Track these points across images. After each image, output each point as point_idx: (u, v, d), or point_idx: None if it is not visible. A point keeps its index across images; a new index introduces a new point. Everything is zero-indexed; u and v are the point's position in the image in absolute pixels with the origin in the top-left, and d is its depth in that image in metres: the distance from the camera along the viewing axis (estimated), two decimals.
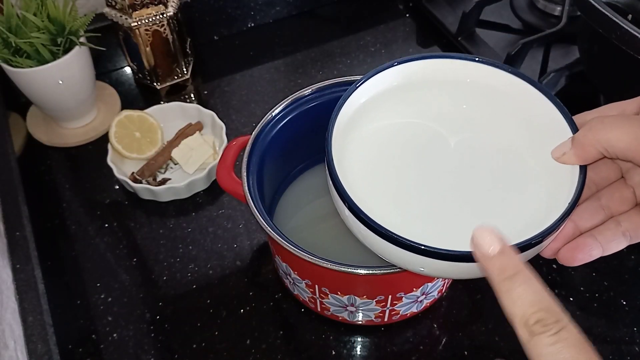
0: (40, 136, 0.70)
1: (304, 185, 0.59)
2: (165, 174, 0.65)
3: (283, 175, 0.58)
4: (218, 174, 0.50)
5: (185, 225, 0.61)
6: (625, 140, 0.30)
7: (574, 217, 0.34)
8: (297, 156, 0.57)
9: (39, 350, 0.46)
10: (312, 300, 0.50)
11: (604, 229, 0.33)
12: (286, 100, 0.51)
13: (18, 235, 0.53)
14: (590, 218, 0.34)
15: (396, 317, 0.51)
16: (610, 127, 0.31)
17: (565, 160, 0.33)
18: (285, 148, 0.54)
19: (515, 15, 0.80)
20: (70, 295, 0.56)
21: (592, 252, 0.33)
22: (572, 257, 0.33)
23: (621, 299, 0.54)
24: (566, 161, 0.33)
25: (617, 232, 0.33)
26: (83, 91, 0.67)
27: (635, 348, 0.51)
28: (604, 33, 0.53)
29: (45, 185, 0.66)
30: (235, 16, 0.82)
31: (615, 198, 0.34)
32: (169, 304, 0.55)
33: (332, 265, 0.41)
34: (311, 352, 0.52)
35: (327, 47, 0.81)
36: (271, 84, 0.76)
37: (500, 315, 0.53)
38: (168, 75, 0.74)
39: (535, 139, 0.37)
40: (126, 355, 0.52)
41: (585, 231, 0.34)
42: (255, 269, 0.58)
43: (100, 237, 0.61)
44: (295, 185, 0.59)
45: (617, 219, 0.34)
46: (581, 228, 0.34)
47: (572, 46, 0.73)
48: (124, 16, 0.67)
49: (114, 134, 0.64)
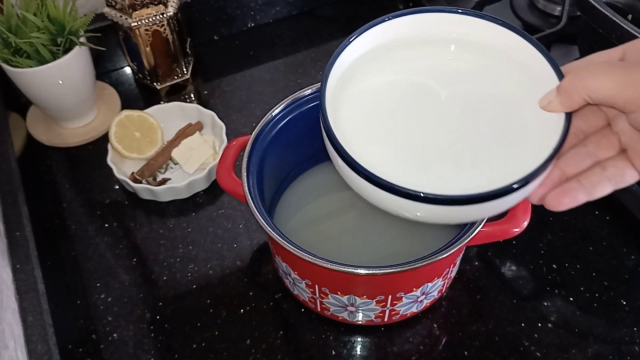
0: (40, 136, 0.70)
1: (304, 185, 0.59)
2: (165, 174, 0.65)
3: (283, 175, 0.58)
4: (218, 174, 0.50)
5: (185, 225, 0.61)
6: (608, 86, 0.31)
7: (560, 163, 0.35)
8: (297, 156, 0.57)
9: (39, 350, 0.46)
10: (312, 300, 0.50)
11: (589, 174, 0.34)
12: (286, 100, 0.51)
13: (18, 235, 0.53)
14: (576, 165, 0.35)
15: (396, 317, 0.51)
16: (593, 74, 0.31)
17: (551, 108, 0.34)
18: (285, 148, 0.54)
19: (515, 15, 0.80)
20: (70, 295, 0.56)
21: (577, 197, 0.34)
22: (558, 201, 0.34)
23: (621, 299, 0.54)
24: (552, 109, 0.34)
25: (602, 177, 0.34)
26: (83, 91, 0.67)
27: (635, 348, 0.51)
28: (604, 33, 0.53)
29: (45, 185, 0.66)
30: (235, 16, 0.82)
31: (601, 144, 0.35)
32: (169, 304, 0.55)
33: (332, 265, 0.41)
34: (311, 352, 0.52)
35: (327, 47, 0.81)
36: (271, 84, 0.76)
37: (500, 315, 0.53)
38: (168, 75, 0.74)
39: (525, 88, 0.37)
40: (126, 355, 0.52)
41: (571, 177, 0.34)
42: (255, 269, 0.58)
43: (100, 237, 0.61)
44: (295, 185, 0.59)
45: (603, 165, 0.34)
46: (568, 174, 0.35)
47: (572, 46, 0.73)
48: (124, 16, 0.67)
49: (114, 134, 0.64)
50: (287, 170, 0.58)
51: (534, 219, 0.59)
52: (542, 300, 0.54)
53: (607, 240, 0.58)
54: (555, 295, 0.54)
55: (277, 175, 0.56)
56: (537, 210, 0.60)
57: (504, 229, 0.46)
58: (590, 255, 0.57)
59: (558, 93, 0.33)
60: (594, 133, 0.35)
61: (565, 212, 0.60)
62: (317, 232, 0.56)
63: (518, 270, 0.56)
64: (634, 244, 0.58)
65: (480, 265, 0.57)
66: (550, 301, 0.54)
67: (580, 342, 0.51)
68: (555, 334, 0.52)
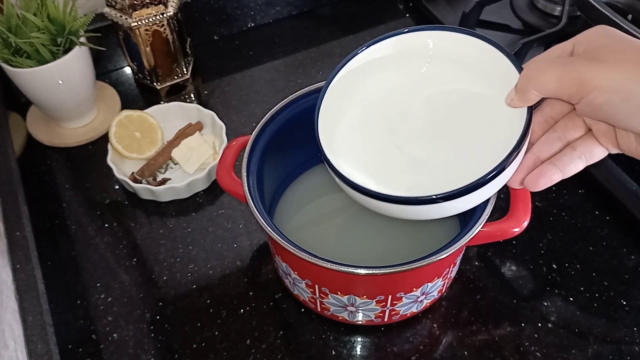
0: (40, 136, 0.70)
1: (304, 185, 0.59)
2: (165, 174, 0.65)
3: (283, 175, 0.58)
4: (218, 174, 0.50)
5: (185, 225, 0.61)
6: (552, 83, 0.34)
7: (534, 149, 0.39)
8: (297, 156, 0.57)
9: (39, 350, 0.46)
10: (312, 300, 0.50)
11: (561, 155, 0.38)
12: (286, 100, 0.51)
13: (18, 235, 0.53)
14: (549, 149, 0.38)
15: (396, 317, 0.51)
16: (539, 73, 0.35)
17: (514, 105, 0.38)
18: (285, 148, 0.54)
19: (515, 15, 0.80)
20: (70, 295, 0.56)
21: (552, 177, 0.37)
22: (535, 183, 0.38)
23: (621, 299, 0.54)
24: (515, 105, 0.37)
25: (573, 156, 0.37)
26: (83, 91, 0.67)
27: (635, 348, 0.51)
28: None
29: (45, 185, 0.66)
30: (235, 16, 0.82)
31: (568, 127, 0.38)
32: (169, 304, 0.55)
33: (332, 265, 0.41)
34: (311, 352, 0.52)
35: (327, 47, 0.81)
36: (271, 84, 0.76)
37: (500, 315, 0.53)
38: (168, 75, 0.74)
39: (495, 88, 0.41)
40: (126, 355, 0.52)
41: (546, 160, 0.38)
42: (255, 269, 0.58)
43: (100, 237, 0.61)
44: (295, 185, 0.59)
45: (573, 145, 0.38)
46: (542, 158, 0.38)
47: None
48: (124, 16, 0.67)
49: (114, 134, 0.64)
50: (287, 170, 0.58)
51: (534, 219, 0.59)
52: (542, 300, 0.54)
53: (607, 240, 0.58)
54: (555, 295, 0.54)
55: (277, 175, 0.56)
56: (537, 210, 0.60)
57: (504, 229, 0.46)
58: (590, 255, 0.57)
59: (515, 92, 0.37)
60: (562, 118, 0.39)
61: (565, 212, 0.60)
62: (317, 232, 0.56)
63: (518, 270, 0.56)
64: (634, 244, 0.58)
65: (480, 265, 0.57)
66: (550, 301, 0.54)
67: (580, 342, 0.51)
68: (555, 334, 0.52)
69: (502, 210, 0.48)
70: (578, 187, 0.62)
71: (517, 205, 0.46)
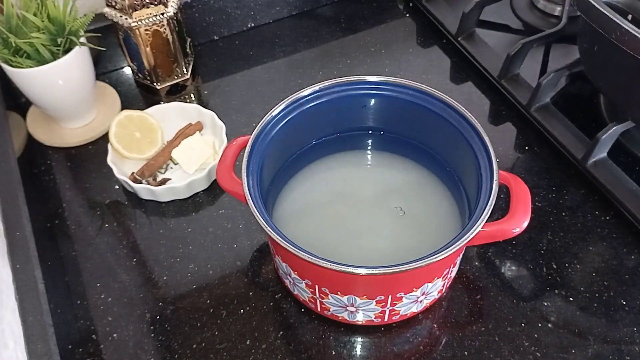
0: (40, 136, 0.70)
1: (305, 185, 0.59)
2: (165, 174, 0.65)
3: (283, 175, 0.58)
4: (218, 174, 0.50)
5: (185, 225, 0.61)
6: None
7: None
8: (297, 156, 0.57)
9: (39, 350, 0.46)
10: (312, 300, 0.50)
11: None
12: (286, 100, 0.51)
13: (18, 235, 0.53)
14: None
15: (396, 317, 0.51)
16: None
17: None
18: (285, 148, 0.54)
19: (515, 15, 0.80)
20: (70, 295, 0.56)
21: None
22: None
23: (621, 299, 0.54)
24: None
25: None
26: (83, 91, 0.67)
27: (635, 348, 0.51)
28: (604, 33, 0.53)
29: (45, 185, 0.66)
30: (235, 16, 0.82)
31: None
32: (169, 304, 0.55)
33: (332, 265, 0.41)
34: (311, 352, 0.52)
35: (327, 47, 0.81)
36: (271, 84, 0.76)
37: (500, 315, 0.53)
38: (168, 75, 0.74)
39: None
40: (126, 355, 0.52)
41: None
42: (255, 269, 0.58)
43: (100, 237, 0.61)
44: (296, 185, 0.59)
45: None
46: None
47: (572, 46, 0.73)
48: (124, 16, 0.67)
49: (114, 134, 0.64)
50: (288, 170, 0.58)
51: (534, 219, 0.59)
52: (542, 300, 0.54)
53: (607, 240, 0.58)
54: (555, 295, 0.54)
55: (277, 175, 0.56)
56: (537, 211, 0.60)
57: (504, 229, 0.46)
58: (590, 255, 0.57)
59: None
60: None
61: (565, 212, 0.60)
62: (318, 232, 0.56)
63: (518, 271, 0.56)
64: (634, 244, 0.58)
65: (480, 266, 0.57)
66: (550, 301, 0.54)
67: (580, 342, 0.51)
68: (555, 334, 0.52)
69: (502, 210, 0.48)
70: (578, 187, 0.62)
71: (517, 205, 0.46)
